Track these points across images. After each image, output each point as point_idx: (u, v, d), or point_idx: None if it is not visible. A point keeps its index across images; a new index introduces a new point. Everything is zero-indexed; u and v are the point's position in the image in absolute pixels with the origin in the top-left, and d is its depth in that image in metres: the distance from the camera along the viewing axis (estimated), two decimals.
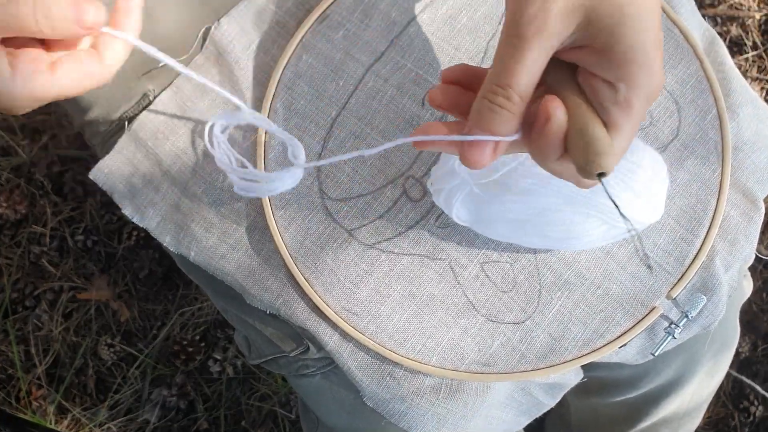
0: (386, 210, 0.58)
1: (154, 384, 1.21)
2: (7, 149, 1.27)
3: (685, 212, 0.57)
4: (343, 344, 0.57)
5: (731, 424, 1.18)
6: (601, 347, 0.56)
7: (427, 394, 0.57)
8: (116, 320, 1.23)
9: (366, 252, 0.57)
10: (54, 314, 1.22)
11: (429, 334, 0.56)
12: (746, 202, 0.59)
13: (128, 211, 0.61)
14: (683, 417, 0.80)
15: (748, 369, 1.20)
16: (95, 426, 1.19)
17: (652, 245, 0.57)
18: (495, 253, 0.57)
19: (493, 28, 0.60)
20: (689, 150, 0.58)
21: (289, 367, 0.62)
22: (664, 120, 0.58)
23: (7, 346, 1.21)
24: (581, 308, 0.56)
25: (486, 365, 0.56)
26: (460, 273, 0.57)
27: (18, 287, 1.23)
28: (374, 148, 0.40)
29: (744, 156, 0.59)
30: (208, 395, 1.21)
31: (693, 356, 0.70)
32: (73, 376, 1.21)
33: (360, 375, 0.57)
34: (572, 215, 0.51)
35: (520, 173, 0.50)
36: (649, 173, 0.51)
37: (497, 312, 0.56)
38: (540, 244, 0.54)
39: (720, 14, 1.30)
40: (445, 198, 0.54)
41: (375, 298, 0.57)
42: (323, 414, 0.64)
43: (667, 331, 0.56)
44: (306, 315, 0.57)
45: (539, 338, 0.56)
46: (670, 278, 0.56)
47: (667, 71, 0.59)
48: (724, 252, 0.58)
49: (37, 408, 1.20)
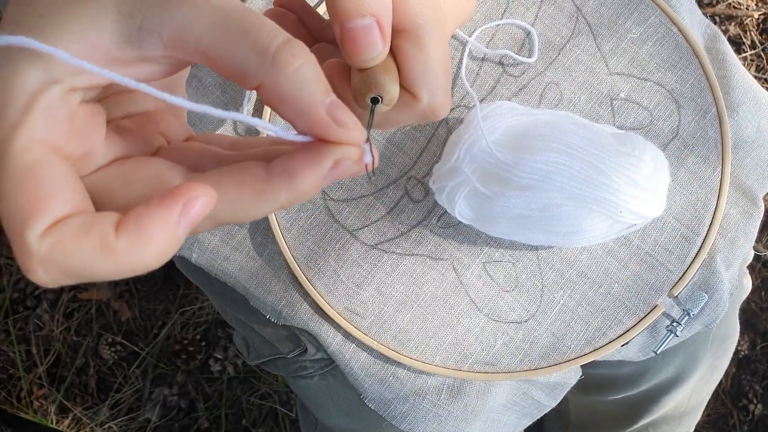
0: (388, 210, 0.58)
1: (155, 383, 1.21)
2: None
3: (686, 210, 0.57)
4: (345, 345, 0.57)
5: (730, 422, 1.18)
6: (603, 346, 0.56)
7: (429, 395, 0.57)
8: (117, 320, 1.23)
9: (368, 253, 0.57)
10: (55, 314, 1.22)
11: (432, 334, 0.56)
12: (746, 200, 0.59)
13: None
14: (683, 414, 0.81)
15: (747, 367, 1.20)
16: (96, 425, 1.20)
17: (653, 243, 0.57)
18: (497, 253, 0.57)
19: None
20: (689, 148, 0.58)
21: (288, 368, 0.62)
22: (664, 119, 0.59)
23: (9, 346, 1.21)
24: (583, 307, 0.56)
25: (489, 364, 0.56)
26: (462, 273, 0.57)
27: (19, 287, 1.23)
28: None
29: (744, 154, 0.59)
30: (209, 394, 1.21)
31: (693, 354, 0.70)
32: (74, 375, 1.21)
33: (362, 375, 0.57)
34: (575, 210, 0.51)
35: (521, 168, 0.50)
36: (651, 167, 0.51)
37: (500, 311, 0.57)
38: (543, 241, 0.54)
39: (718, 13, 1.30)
40: (447, 196, 0.54)
41: (378, 298, 0.57)
42: (322, 415, 0.64)
43: (669, 329, 0.57)
44: (309, 316, 0.57)
45: (542, 337, 0.56)
46: (671, 276, 0.57)
47: (666, 70, 0.59)
48: (725, 250, 0.58)
49: (38, 407, 1.20)
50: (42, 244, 0.23)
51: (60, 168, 0.25)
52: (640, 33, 0.60)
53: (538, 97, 0.59)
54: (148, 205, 0.23)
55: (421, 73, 0.33)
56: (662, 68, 0.59)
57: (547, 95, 0.59)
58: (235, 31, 0.25)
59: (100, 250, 0.23)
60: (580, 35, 0.60)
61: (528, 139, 0.52)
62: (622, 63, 0.60)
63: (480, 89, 0.60)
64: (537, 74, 0.60)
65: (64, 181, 0.25)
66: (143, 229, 0.23)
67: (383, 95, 0.32)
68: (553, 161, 0.50)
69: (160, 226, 0.23)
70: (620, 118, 0.59)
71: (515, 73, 0.60)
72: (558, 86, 0.59)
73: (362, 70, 0.32)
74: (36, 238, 0.23)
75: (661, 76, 0.59)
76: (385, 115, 0.34)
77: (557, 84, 0.59)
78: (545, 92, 0.59)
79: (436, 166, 0.55)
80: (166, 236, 0.23)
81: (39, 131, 0.25)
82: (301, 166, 0.26)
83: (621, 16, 0.60)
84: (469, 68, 0.60)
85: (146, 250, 0.23)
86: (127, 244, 0.23)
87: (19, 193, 0.24)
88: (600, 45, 0.60)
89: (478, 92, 0.60)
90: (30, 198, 0.24)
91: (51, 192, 0.24)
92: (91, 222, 0.23)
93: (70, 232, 0.23)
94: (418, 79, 0.33)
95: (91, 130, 0.28)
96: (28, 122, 0.25)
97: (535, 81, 0.60)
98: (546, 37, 0.60)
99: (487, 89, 0.60)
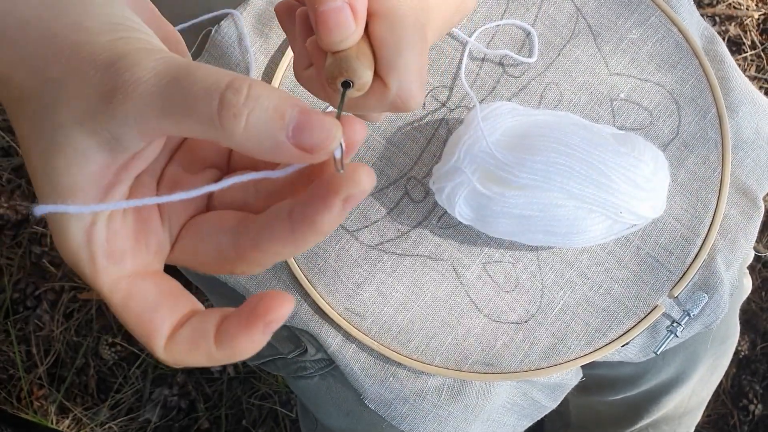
0: (388, 211, 0.58)
1: (155, 383, 1.21)
2: (7, 150, 1.27)
3: (686, 211, 0.57)
4: (346, 345, 0.57)
5: (731, 423, 1.18)
6: (603, 346, 0.56)
7: (429, 395, 0.57)
8: (117, 320, 1.23)
9: (368, 253, 0.57)
10: (55, 314, 1.22)
11: (432, 334, 0.56)
12: (746, 200, 0.59)
13: None
14: (683, 415, 0.81)
15: (748, 367, 1.20)
16: (96, 425, 1.20)
17: (653, 243, 0.57)
18: (497, 253, 0.57)
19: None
20: (689, 149, 0.58)
21: (287, 369, 0.62)
22: (664, 119, 0.59)
23: (9, 346, 1.21)
24: (583, 307, 0.56)
25: (489, 365, 0.56)
26: (462, 273, 0.57)
27: (19, 287, 1.23)
28: None
29: (744, 154, 0.59)
30: (209, 394, 1.21)
31: (693, 354, 0.70)
32: (74, 375, 1.21)
33: (363, 376, 0.57)
34: (575, 210, 0.51)
35: (521, 169, 0.50)
36: (651, 167, 0.51)
37: (500, 312, 0.57)
38: (543, 241, 0.54)
39: (718, 13, 1.30)
40: (447, 196, 0.54)
41: (378, 299, 0.57)
42: (322, 415, 0.64)
43: (669, 329, 0.57)
44: (309, 317, 0.57)
45: (542, 338, 0.56)
46: (672, 277, 0.57)
47: (666, 70, 0.59)
48: (725, 250, 0.58)
49: (39, 408, 1.20)
50: (167, 354, 0.29)
51: (147, 290, 0.30)
52: (641, 34, 0.60)
53: (538, 98, 0.59)
54: (239, 326, 0.28)
55: (391, 59, 0.32)
56: (662, 69, 0.59)
57: (547, 96, 0.59)
58: (180, 110, 0.26)
59: (207, 361, 0.29)
60: (580, 36, 0.60)
61: (528, 140, 0.51)
62: (622, 63, 0.60)
63: (480, 90, 0.60)
64: (537, 75, 0.60)
65: (157, 299, 0.29)
66: (236, 346, 0.28)
67: (354, 80, 0.31)
68: (553, 162, 0.50)
69: (248, 343, 0.28)
70: (620, 119, 0.59)
71: (515, 73, 0.60)
72: (558, 87, 0.59)
73: (335, 53, 0.31)
74: (161, 351, 0.29)
75: (661, 77, 0.59)
76: (354, 101, 0.34)
77: (557, 84, 0.59)
78: (545, 93, 0.59)
79: (436, 166, 0.55)
80: (254, 348, 0.28)
81: (111, 271, 0.29)
82: (316, 211, 0.28)
83: (621, 17, 0.60)
84: (469, 69, 0.60)
85: (240, 357, 0.29)
86: (226, 356, 0.29)
87: (131, 325, 0.29)
88: (600, 45, 0.60)
89: (478, 93, 0.60)
90: (139, 327, 0.29)
91: (151, 318, 0.29)
92: (198, 338, 0.29)
93: (183, 349, 0.29)
94: (388, 65, 0.32)
95: (148, 226, 0.31)
96: (98, 270, 0.29)
97: (535, 81, 0.60)
98: (546, 37, 0.60)
99: (488, 90, 0.60)
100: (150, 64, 0.26)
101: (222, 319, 0.28)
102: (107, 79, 0.26)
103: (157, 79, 0.25)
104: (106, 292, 0.29)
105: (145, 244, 0.30)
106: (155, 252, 0.31)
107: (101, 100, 0.26)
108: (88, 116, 0.26)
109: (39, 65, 0.28)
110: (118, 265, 0.29)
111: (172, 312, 0.29)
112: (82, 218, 0.28)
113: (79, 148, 0.27)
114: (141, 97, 0.25)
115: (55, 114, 0.27)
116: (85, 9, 0.29)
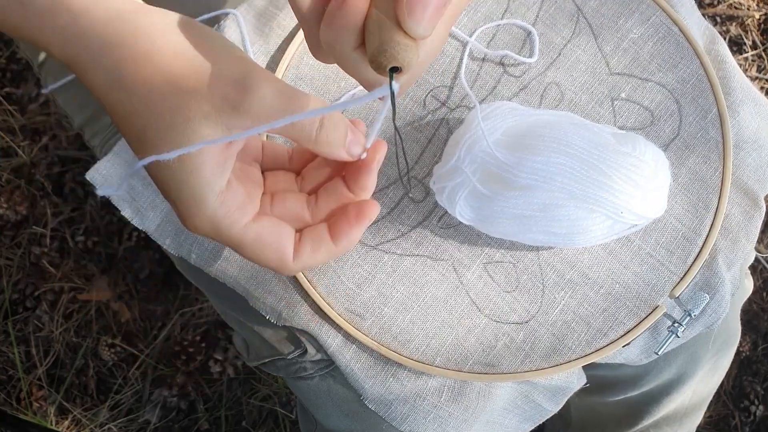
0: (389, 211, 0.58)
1: (154, 384, 1.21)
2: (7, 150, 1.27)
3: (687, 211, 0.57)
4: (346, 346, 0.57)
5: (732, 424, 1.18)
6: (604, 347, 0.56)
7: (430, 396, 0.57)
8: (117, 321, 1.23)
9: (369, 253, 0.57)
10: (54, 315, 1.22)
11: (433, 334, 0.56)
12: (747, 200, 0.59)
13: (127, 213, 0.60)
14: (684, 415, 0.80)
15: (749, 368, 1.20)
16: (96, 426, 1.19)
17: (654, 244, 0.57)
18: (498, 254, 0.57)
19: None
20: (690, 149, 0.58)
21: (287, 370, 0.62)
22: (665, 119, 0.59)
23: (8, 347, 1.21)
24: (584, 308, 0.56)
25: (490, 365, 0.56)
26: (463, 273, 0.57)
27: (18, 288, 1.23)
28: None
29: (745, 154, 0.59)
30: (209, 395, 1.21)
31: (694, 355, 0.70)
32: (73, 376, 1.21)
33: (363, 377, 0.57)
34: (576, 210, 0.51)
35: (522, 169, 0.50)
36: (652, 167, 0.51)
37: (500, 312, 0.56)
38: (544, 241, 0.54)
39: (719, 13, 1.30)
40: (447, 196, 0.54)
41: (378, 299, 0.57)
42: (321, 416, 0.64)
43: (670, 330, 0.56)
44: (309, 317, 0.57)
45: (543, 338, 0.56)
46: (673, 277, 0.56)
47: (667, 70, 0.59)
48: (726, 250, 0.58)
49: (38, 409, 1.20)
50: (297, 264, 0.44)
51: (268, 226, 0.43)
52: (641, 33, 0.60)
53: (538, 98, 0.59)
54: (350, 224, 0.45)
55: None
56: (663, 68, 0.59)
57: (547, 95, 0.59)
58: (289, 126, 0.40)
59: (328, 257, 0.45)
60: (581, 35, 0.60)
61: (528, 140, 0.51)
62: (623, 63, 0.59)
63: (480, 89, 0.60)
64: (538, 74, 0.60)
65: (277, 230, 0.44)
66: (351, 235, 0.45)
67: (404, 66, 0.33)
68: (554, 161, 0.50)
69: (359, 232, 0.45)
70: (621, 119, 0.59)
71: (516, 73, 0.60)
72: (559, 86, 0.59)
73: (398, 36, 0.32)
74: (292, 264, 0.44)
75: (662, 77, 0.59)
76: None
77: (558, 84, 0.59)
78: (546, 92, 0.59)
79: (437, 166, 0.55)
80: (360, 235, 0.45)
81: (241, 220, 0.42)
82: (351, 227, 0.45)
83: (622, 16, 0.60)
84: (470, 68, 0.60)
85: (353, 245, 0.45)
86: (343, 248, 0.45)
87: (266, 254, 0.43)
88: (601, 45, 0.60)
89: (478, 92, 0.59)
90: (275, 254, 0.44)
91: (279, 243, 0.44)
92: (317, 244, 0.45)
93: (309, 256, 0.44)
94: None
95: (250, 185, 0.44)
96: (234, 222, 0.41)
97: (536, 81, 0.59)
98: (547, 37, 0.60)
99: (488, 89, 0.60)
100: (270, 88, 0.38)
101: (330, 226, 0.45)
102: (236, 93, 0.38)
103: (275, 102, 0.39)
104: (241, 236, 0.42)
105: (251, 197, 0.43)
106: (258, 202, 0.44)
107: (228, 104, 0.38)
108: (213, 114, 0.38)
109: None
110: (246, 215, 0.42)
111: (290, 234, 0.44)
112: (214, 188, 0.39)
113: (205, 133, 0.38)
114: (262, 110, 0.38)
115: (188, 110, 0.38)
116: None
